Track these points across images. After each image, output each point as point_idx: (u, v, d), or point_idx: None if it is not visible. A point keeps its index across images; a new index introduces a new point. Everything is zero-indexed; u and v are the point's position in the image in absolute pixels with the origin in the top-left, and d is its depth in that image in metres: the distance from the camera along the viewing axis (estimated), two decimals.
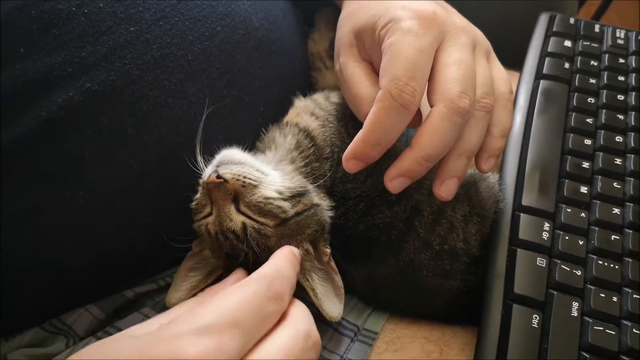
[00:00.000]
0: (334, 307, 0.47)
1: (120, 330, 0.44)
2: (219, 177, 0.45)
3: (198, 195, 0.48)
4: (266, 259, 0.40)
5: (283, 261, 0.39)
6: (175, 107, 0.45)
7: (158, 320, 0.36)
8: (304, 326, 0.35)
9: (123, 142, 0.43)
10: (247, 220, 0.45)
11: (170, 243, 0.47)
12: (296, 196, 0.47)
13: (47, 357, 0.45)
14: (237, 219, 0.45)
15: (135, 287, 0.51)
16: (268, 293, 0.34)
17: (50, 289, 0.46)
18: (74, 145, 0.41)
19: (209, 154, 0.48)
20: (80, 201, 0.42)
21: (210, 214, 0.47)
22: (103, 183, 0.43)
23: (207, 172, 0.47)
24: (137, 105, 0.43)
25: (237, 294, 0.33)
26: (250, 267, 0.43)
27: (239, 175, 0.45)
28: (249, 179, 0.46)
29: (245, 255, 0.45)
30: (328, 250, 0.47)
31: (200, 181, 0.47)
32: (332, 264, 0.47)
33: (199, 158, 0.47)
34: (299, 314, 0.36)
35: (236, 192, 0.46)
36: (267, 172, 0.48)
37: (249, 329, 0.32)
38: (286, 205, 0.46)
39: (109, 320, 0.49)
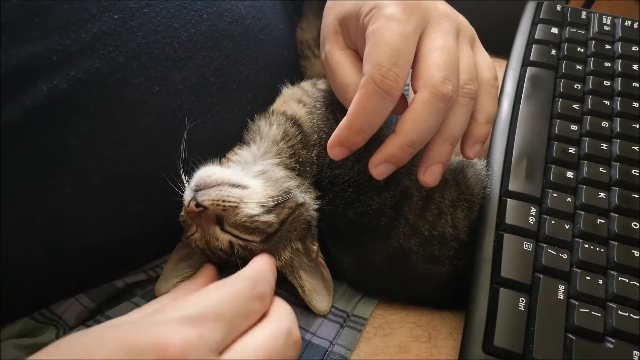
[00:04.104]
0: (322, 302, 0.47)
1: (110, 319, 0.44)
2: (198, 205, 0.45)
3: (183, 213, 0.48)
4: None
5: (264, 265, 0.41)
6: (162, 94, 0.45)
7: (141, 311, 0.37)
8: (286, 324, 0.36)
9: (109, 130, 0.43)
10: (234, 239, 0.46)
11: (159, 231, 0.47)
12: (280, 203, 0.47)
13: (38, 347, 0.44)
14: (223, 238, 0.46)
15: (126, 276, 0.51)
16: (253, 292, 0.36)
17: (39, 278, 0.46)
18: (60, 134, 0.40)
19: (195, 145, 0.48)
20: (68, 190, 0.42)
21: (196, 232, 0.47)
22: (90, 172, 0.43)
23: (187, 198, 0.47)
24: (123, 93, 0.43)
25: (223, 290, 0.35)
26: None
27: (217, 200, 0.45)
28: (229, 201, 0.46)
29: (235, 265, 0.45)
30: (315, 247, 0.48)
31: (182, 201, 0.47)
32: (321, 259, 0.48)
33: (183, 176, 0.47)
34: (282, 312, 0.37)
35: (218, 216, 0.46)
36: (248, 183, 0.48)
37: (231, 323, 0.32)
38: (271, 217, 0.46)
39: (99, 310, 0.49)
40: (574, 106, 0.56)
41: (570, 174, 0.50)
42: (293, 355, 0.36)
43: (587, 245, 0.46)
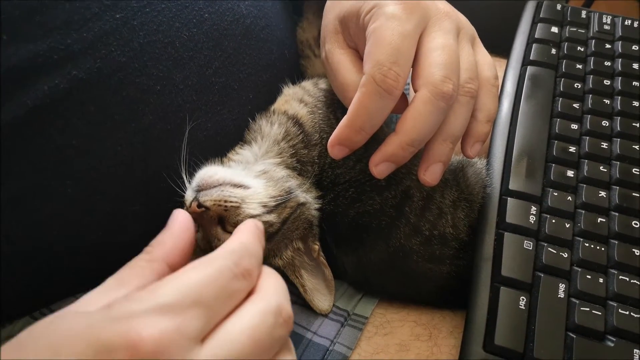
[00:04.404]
0: (324, 301, 0.48)
1: None
2: (199, 205, 0.45)
3: None
4: None
5: (249, 236, 0.36)
6: (163, 94, 0.45)
7: (109, 291, 0.33)
8: (274, 301, 0.32)
9: (110, 129, 0.43)
10: None
11: (160, 231, 0.47)
12: (281, 203, 0.47)
13: None
14: (224, 238, 0.45)
15: None
16: (235, 270, 0.32)
17: (40, 278, 0.46)
18: (61, 133, 0.40)
19: (197, 145, 0.48)
20: (68, 190, 0.42)
21: (198, 232, 0.47)
22: (91, 171, 0.42)
23: (188, 198, 0.47)
24: (125, 93, 0.43)
25: (201, 270, 0.31)
26: None
27: (219, 201, 0.45)
28: (231, 201, 0.45)
29: None
30: (317, 247, 0.48)
31: (184, 200, 0.47)
32: (322, 259, 0.48)
33: (184, 176, 0.47)
34: (271, 287, 0.33)
35: (220, 216, 0.46)
36: (249, 183, 0.48)
37: (212, 307, 0.29)
38: (272, 217, 0.46)
39: None
40: (574, 105, 0.56)
41: (570, 173, 0.50)
42: (283, 334, 0.32)
43: (587, 244, 0.46)
